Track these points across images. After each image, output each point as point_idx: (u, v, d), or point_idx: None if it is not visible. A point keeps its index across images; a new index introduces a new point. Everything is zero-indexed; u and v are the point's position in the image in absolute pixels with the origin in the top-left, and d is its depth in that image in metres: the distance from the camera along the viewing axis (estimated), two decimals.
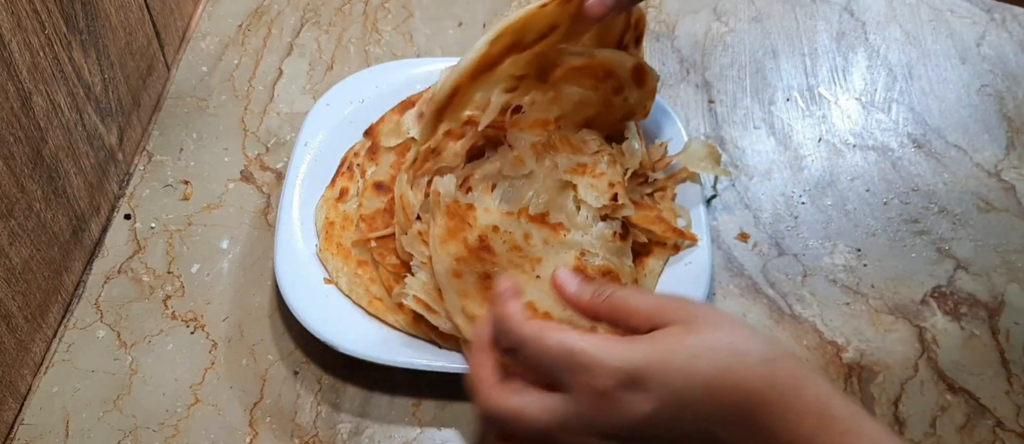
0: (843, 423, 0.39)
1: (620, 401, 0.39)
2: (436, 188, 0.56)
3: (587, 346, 0.40)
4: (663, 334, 0.41)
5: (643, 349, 0.40)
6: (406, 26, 0.81)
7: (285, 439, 0.54)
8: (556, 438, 0.41)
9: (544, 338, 0.41)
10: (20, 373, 0.55)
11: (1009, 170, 0.69)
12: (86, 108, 0.61)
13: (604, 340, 0.41)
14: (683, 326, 0.41)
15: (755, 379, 0.39)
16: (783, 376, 0.39)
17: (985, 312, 0.60)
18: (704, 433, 0.40)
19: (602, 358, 0.40)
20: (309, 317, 0.55)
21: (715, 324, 0.41)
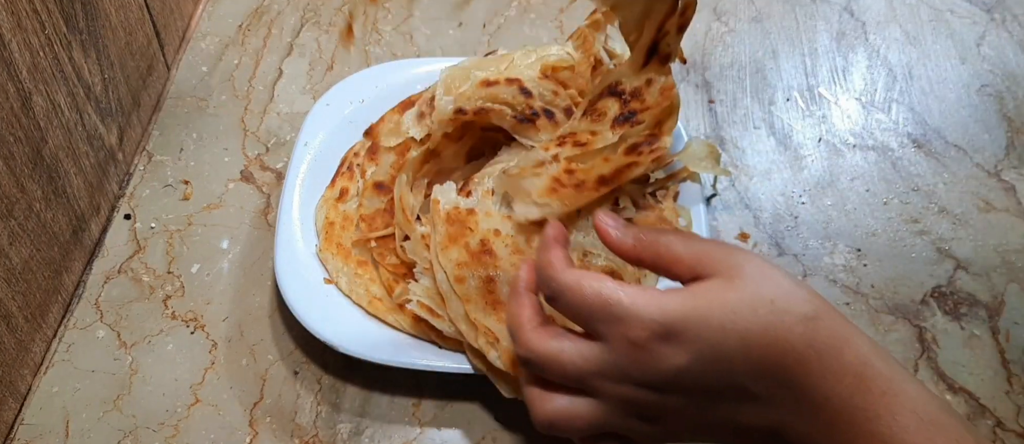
0: (882, 383, 0.38)
1: (654, 352, 0.39)
2: (435, 197, 0.56)
3: (623, 297, 0.40)
4: (703, 288, 0.40)
5: (680, 302, 0.39)
6: (406, 26, 0.81)
7: (285, 439, 0.54)
8: (591, 384, 0.42)
9: (582, 287, 0.41)
10: (20, 373, 0.55)
11: (1009, 170, 0.69)
12: (86, 108, 0.61)
13: (641, 291, 0.40)
14: (724, 280, 0.40)
15: (794, 338, 0.38)
16: (823, 335, 0.39)
17: (985, 312, 0.60)
18: (738, 387, 0.40)
19: (638, 310, 0.39)
20: (309, 317, 0.55)
21: (757, 278, 0.40)
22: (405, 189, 0.59)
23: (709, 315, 0.39)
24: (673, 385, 0.40)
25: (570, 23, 0.81)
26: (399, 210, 0.58)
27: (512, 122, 0.59)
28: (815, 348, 0.39)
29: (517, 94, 0.59)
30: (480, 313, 0.52)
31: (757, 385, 0.39)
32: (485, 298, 0.52)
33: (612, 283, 0.41)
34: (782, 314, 0.39)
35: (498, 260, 0.54)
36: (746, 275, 0.40)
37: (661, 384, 0.40)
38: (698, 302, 0.40)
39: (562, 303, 0.42)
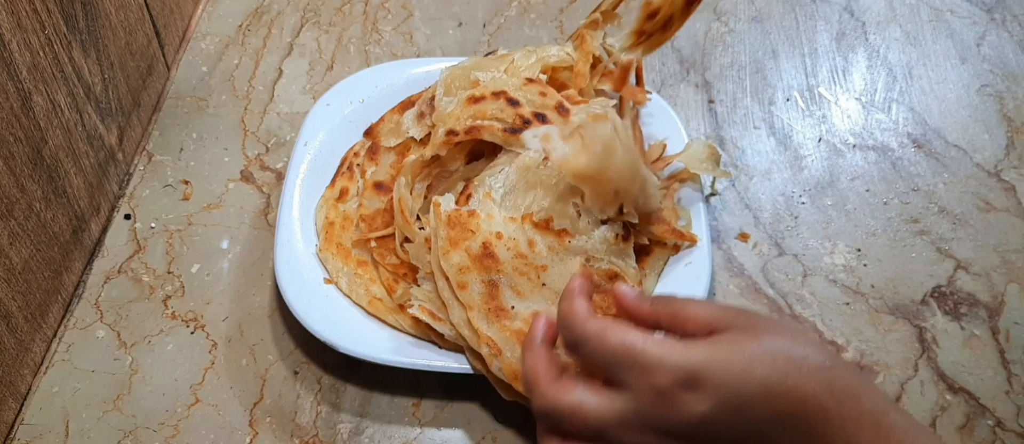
0: (900, 433, 0.39)
1: (678, 400, 0.40)
2: (436, 200, 0.56)
3: (648, 345, 0.41)
4: (723, 338, 0.41)
5: (703, 350, 0.41)
6: (406, 26, 0.81)
7: (285, 439, 0.54)
8: (613, 435, 0.42)
9: (606, 335, 0.42)
10: (20, 373, 0.55)
11: (1009, 170, 0.69)
12: (86, 108, 0.61)
13: (665, 341, 0.41)
14: (742, 331, 0.41)
15: (814, 385, 0.39)
16: (841, 384, 0.40)
17: (985, 312, 0.60)
18: (760, 435, 0.40)
19: (662, 357, 0.40)
20: (309, 317, 0.55)
21: (774, 331, 0.41)
22: (405, 192, 0.59)
23: (731, 363, 0.40)
24: (696, 433, 0.41)
25: (570, 23, 0.81)
26: (399, 213, 0.58)
27: (504, 136, 0.58)
28: (835, 396, 0.39)
29: (505, 107, 0.59)
30: (483, 322, 0.52)
31: (778, 432, 0.40)
32: (488, 304, 0.52)
33: (636, 332, 0.42)
34: (801, 361, 0.40)
35: (500, 264, 0.54)
36: (762, 328, 0.41)
37: (684, 432, 0.41)
38: (719, 350, 0.40)
39: (586, 351, 0.43)
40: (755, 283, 0.62)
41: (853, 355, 0.58)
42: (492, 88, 0.61)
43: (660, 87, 0.75)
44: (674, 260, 0.59)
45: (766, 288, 0.62)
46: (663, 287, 0.58)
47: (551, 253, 0.55)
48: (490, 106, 0.60)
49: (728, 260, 0.63)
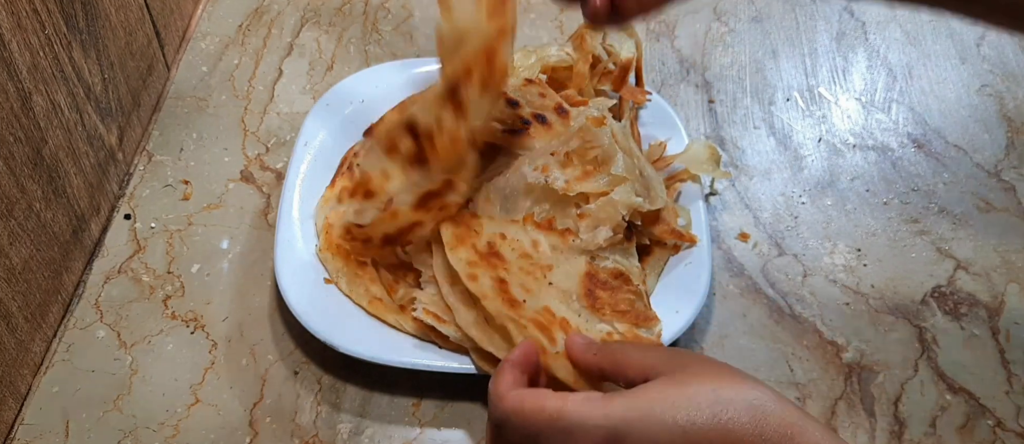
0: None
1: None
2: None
3: (567, 408, 0.41)
4: (645, 387, 0.41)
5: (622, 404, 0.40)
6: (406, 26, 0.81)
7: (285, 439, 0.54)
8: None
9: (524, 407, 0.42)
10: (20, 373, 0.55)
11: (1009, 170, 0.69)
12: (86, 108, 0.61)
13: (584, 399, 0.41)
14: (667, 377, 0.41)
15: (740, 429, 0.39)
16: (773, 423, 0.39)
17: (985, 312, 0.60)
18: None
19: (582, 418, 0.40)
20: (309, 317, 0.55)
21: (700, 374, 0.41)
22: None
23: (650, 412, 0.40)
24: None
25: (570, 23, 0.81)
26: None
27: (504, 137, 0.58)
28: (764, 438, 0.38)
29: (504, 108, 0.59)
30: (500, 308, 0.51)
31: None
32: (500, 296, 0.52)
33: (552, 397, 0.42)
34: (726, 404, 0.39)
35: (507, 263, 0.53)
36: (690, 371, 0.41)
37: None
38: (639, 401, 0.40)
39: (509, 430, 0.43)
40: (755, 283, 0.62)
41: (853, 355, 0.58)
42: None
43: (660, 87, 0.75)
44: (674, 260, 0.59)
45: (766, 288, 0.62)
46: (664, 287, 0.58)
47: (555, 253, 0.55)
48: None
49: (728, 260, 0.63)
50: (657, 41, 0.80)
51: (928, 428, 0.55)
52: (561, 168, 0.56)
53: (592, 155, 0.56)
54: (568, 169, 0.56)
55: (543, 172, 0.56)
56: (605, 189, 0.55)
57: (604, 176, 0.56)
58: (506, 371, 0.45)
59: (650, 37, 0.80)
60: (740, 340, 0.59)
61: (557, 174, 0.56)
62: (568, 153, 0.56)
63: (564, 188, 0.55)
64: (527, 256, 0.54)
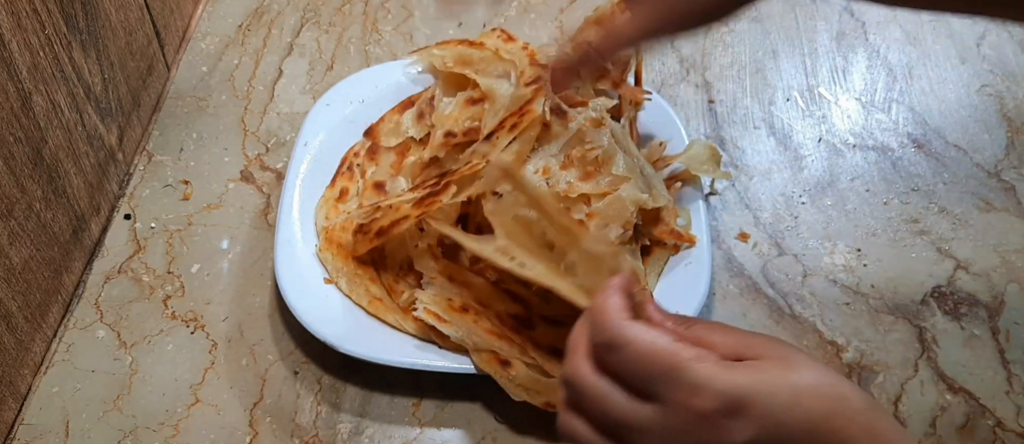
0: None
1: (718, 425, 0.38)
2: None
3: (693, 363, 0.38)
4: (767, 365, 0.39)
5: (748, 376, 0.39)
6: (406, 26, 0.81)
7: (285, 439, 0.54)
8: (630, 438, 0.40)
9: (650, 344, 0.39)
10: (20, 373, 0.55)
11: (1009, 170, 0.69)
12: (86, 108, 0.61)
13: (710, 361, 0.39)
14: (781, 361, 0.40)
15: (856, 428, 0.38)
16: (884, 424, 0.39)
17: (985, 312, 0.60)
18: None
19: (707, 378, 0.38)
20: (309, 317, 0.55)
21: (812, 364, 0.40)
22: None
23: (776, 393, 0.38)
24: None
25: (570, 23, 0.81)
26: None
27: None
28: (876, 438, 0.38)
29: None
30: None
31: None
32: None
33: (682, 345, 0.39)
34: (845, 400, 0.39)
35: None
36: (800, 361, 0.40)
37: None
38: (765, 378, 0.39)
39: (620, 356, 0.40)
40: (755, 283, 0.62)
41: (853, 355, 0.58)
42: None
43: (660, 87, 0.75)
44: (675, 260, 0.59)
45: (766, 288, 0.62)
46: (664, 287, 0.58)
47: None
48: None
49: (728, 260, 0.63)
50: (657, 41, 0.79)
51: (928, 428, 0.55)
52: (562, 170, 0.56)
53: (592, 156, 0.56)
54: (569, 170, 0.56)
55: (544, 175, 0.55)
56: (607, 189, 0.55)
57: (606, 176, 0.56)
58: (615, 293, 0.42)
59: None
60: None
61: (559, 176, 0.56)
62: (569, 155, 0.56)
63: (566, 190, 0.55)
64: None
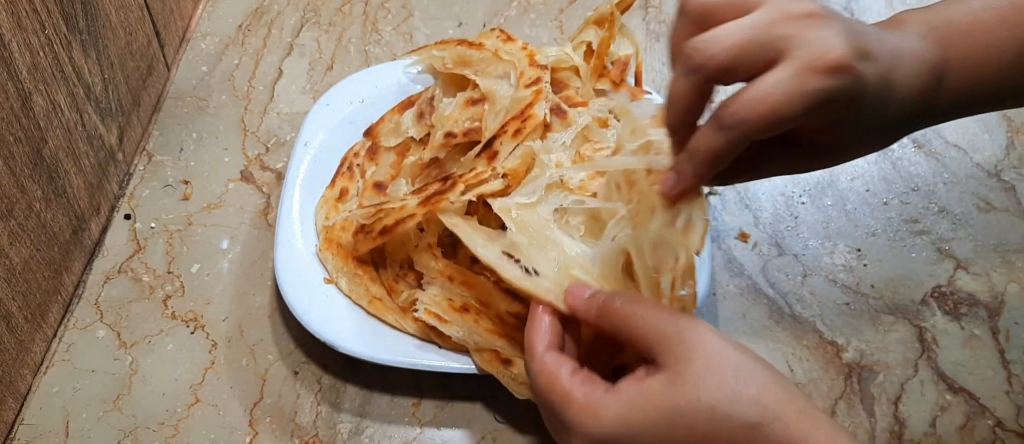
0: None
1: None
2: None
3: (570, 405, 0.41)
4: (643, 388, 0.40)
5: (615, 414, 0.40)
6: (406, 26, 0.81)
7: (285, 439, 0.54)
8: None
9: (541, 379, 0.43)
10: (20, 373, 0.55)
11: (1009, 170, 0.69)
12: (86, 108, 0.61)
13: (587, 399, 0.41)
14: (667, 377, 0.40)
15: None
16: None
17: (985, 312, 0.60)
18: None
19: (578, 423, 0.41)
20: (309, 317, 0.55)
21: (702, 375, 0.39)
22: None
23: (644, 426, 0.39)
24: None
25: (570, 23, 0.81)
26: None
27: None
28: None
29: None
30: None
31: None
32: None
33: (568, 384, 0.42)
34: (722, 422, 0.38)
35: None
36: (691, 373, 0.39)
37: None
38: (633, 412, 0.40)
39: (535, 384, 0.44)
40: (755, 283, 0.62)
41: (853, 355, 0.58)
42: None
43: (660, 88, 0.75)
44: None
45: (766, 288, 0.62)
46: None
47: None
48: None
49: (728, 260, 0.63)
50: (657, 41, 0.80)
51: (928, 428, 0.55)
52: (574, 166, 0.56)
53: (601, 157, 0.56)
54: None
55: (557, 167, 0.55)
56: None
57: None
58: (540, 318, 0.46)
59: (650, 37, 0.80)
60: (740, 340, 0.59)
61: (571, 173, 0.56)
62: (579, 153, 0.57)
63: (580, 186, 0.55)
64: None
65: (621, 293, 0.46)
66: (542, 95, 0.58)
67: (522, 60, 0.62)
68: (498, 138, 0.57)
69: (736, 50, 0.39)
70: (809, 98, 0.38)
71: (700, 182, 0.43)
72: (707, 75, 0.40)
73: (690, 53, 0.40)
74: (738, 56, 0.39)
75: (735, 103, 0.39)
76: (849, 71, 0.38)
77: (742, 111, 0.39)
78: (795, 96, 0.38)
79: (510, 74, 0.62)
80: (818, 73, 0.38)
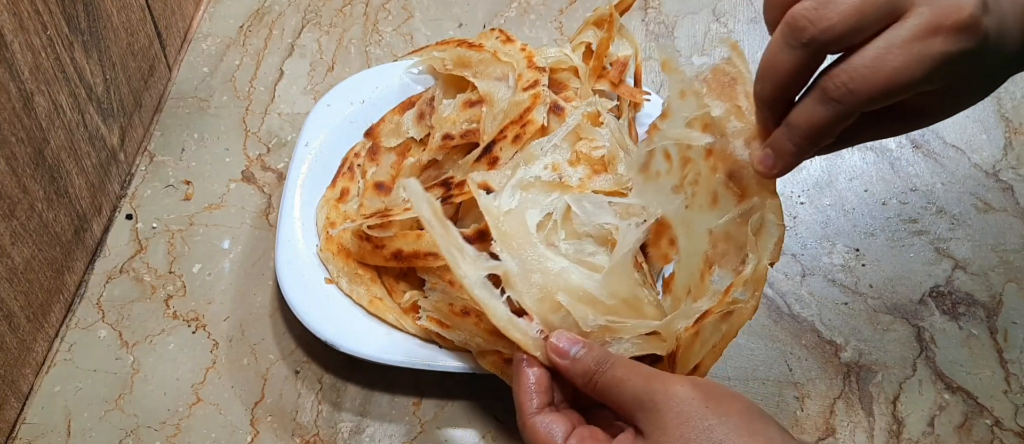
0: None
1: None
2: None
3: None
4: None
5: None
6: (407, 27, 0.81)
7: (286, 438, 0.55)
8: None
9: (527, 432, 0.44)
10: (22, 372, 0.56)
11: (1007, 170, 0.69)
12: (88, 108, 0.61)
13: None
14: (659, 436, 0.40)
15: None
16: None
17: (983, 312, 0.61)
18: None
19: None
20: (310, 317, 0.55)
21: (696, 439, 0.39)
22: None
23: None
24: None
25: (570, 23, 0.81)
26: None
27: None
28: None
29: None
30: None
31: None
32: None
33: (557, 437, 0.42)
34: None
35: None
36: (666, 437, 0.40)
37: None
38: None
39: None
40: None
41: (851, 355, 0.58)
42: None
43: (659, 88, 0.76)
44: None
45: (765, 288, 0.62)
46: None
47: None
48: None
49: None
50: (657, 42, 0.80)
51: (926, 427, 0.55)
52: (571, 166, 0.56)
53: (598, 155, 0.56)
54: (578, 167, 0.56)
55: (555, 170, 0.56)
56: (613, 188, 0.55)
57: (611, 176, 0.56)
58: (526, 373, 0.46)
59: (649, 38, 0.80)
60: (739, 339, 0.59)
61: (569, 172, 0.56)
62: (576, 152, 0.57)
63: (578, 186, 0.55)
64: None
65: (603, 356, 0.45)
66: (540, 99, 0.59)
67: (520, 62, 0.62)
68: (497, 143, 0.57)
69: (855, 16, 0.34)
70: (934, 63, 0.33)
71: (800, 160, 0.39)
72: (820, 47, 0.35)
73: (800, 22, 0.35)
74: (857, 22, 0.34)
75: (845, 72, 0.35)
76: (978, 29, 0.33)
77: (854, 81, 0.34)
78: (917, 62, 0.33)
79: (508, 76, 0.62)
80: (945, 33, 0.33)
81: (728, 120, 0.41)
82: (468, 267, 0.46)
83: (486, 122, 0.60)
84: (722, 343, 0.46)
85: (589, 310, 0.47)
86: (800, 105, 0.38)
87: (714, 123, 0.43)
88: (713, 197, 0.43)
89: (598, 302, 0.48)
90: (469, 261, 0.47)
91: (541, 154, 0.55)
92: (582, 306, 0.47)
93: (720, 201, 0.42)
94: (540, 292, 0.48)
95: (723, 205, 0.42)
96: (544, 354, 0.46)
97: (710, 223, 0.43)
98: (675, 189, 0.46)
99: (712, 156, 0.43)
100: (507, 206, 0.51)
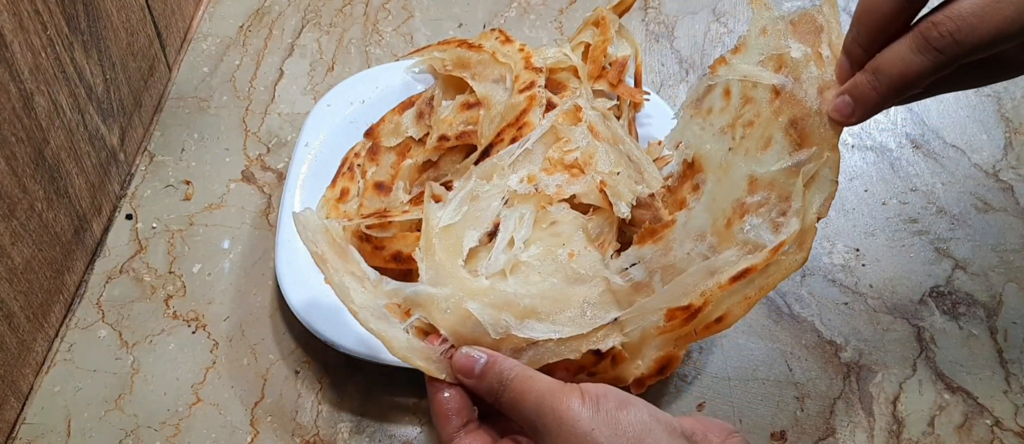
0: None
1: None
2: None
3: None
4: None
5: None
6: (407, 27, 0.81)
7: (286, 438, 0.55)
8: None
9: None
10: (22, 372, 0.56)
11: (1007, 170, 0.69)
12: (88, 108, 0.61)
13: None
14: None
15: None
16: None
17: (983, 312, 0.61)
18: None
19: None
20: (310, 317, 0.55)
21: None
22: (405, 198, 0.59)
23: None
24: None
25: (570, 23, 0.81)
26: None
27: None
28: None
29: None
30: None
31: None
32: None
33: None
34: None
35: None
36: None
37: None
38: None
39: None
40: None
41: (851, 355, 0.58)
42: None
43: (659, 88, 0.76)
44: None
45: None
46: None
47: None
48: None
49: None
50: (656, 42, 0.80)
51: (926, 427, 0.55)
52: (548, 175, 0.55)
53: (571, 159, 0.55)
54: (554, 174, 0.55)
55: (530, 182, 0.55)
56: (597, 186, 0.54)
57: (592, 174, 0.55)
58: (444, 395, 0.46)
59: (649, 38, 0.80)
60: (739, 339, 0.59)
61: (546, 181, 0.54)
62: (550, 159, 0.55)
63: (556, 193, 0.54)
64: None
65: (504, 372, 0.44)
66: (536, 101, 0.58)
67: (518, 63, 0.62)
68: (495, 147, 0.57)
69: None
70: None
71: (880, 109, 0.37)
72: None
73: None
74: None
75: (950, 20, 0.32)
76: None
77: (961, 31, 0.32)
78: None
79: (505, 77, 0.62)
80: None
81: (806, 65, 0.40)
82: (364, 297, 0.46)
83: (483, 125, 0.60)
84: (757, 295, 0.43)
85: (502, 315, 0.46)
86: (891, 51, 0.36)
87: (790, 65, 0.41)
88: (766, 142, 0.41)
89: (513, 304, 0.47)
90: (368, 289, 0.46)
91: (506, 165, 0.54)
92: (492, 311, 0.46)
93: (773, 146, 0.40)
94: (449, 303, 0.47)
95: (775, 151, 0.40)
96: (450, 375, 0.46)
97: (753, 168, 0.41)
98: (723, 129, 0.43)
99: (779, 98, 0.41)
100: (448, 220, 0.51)
